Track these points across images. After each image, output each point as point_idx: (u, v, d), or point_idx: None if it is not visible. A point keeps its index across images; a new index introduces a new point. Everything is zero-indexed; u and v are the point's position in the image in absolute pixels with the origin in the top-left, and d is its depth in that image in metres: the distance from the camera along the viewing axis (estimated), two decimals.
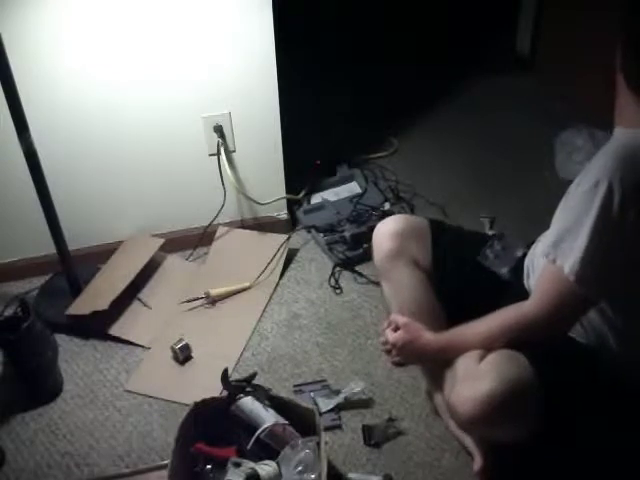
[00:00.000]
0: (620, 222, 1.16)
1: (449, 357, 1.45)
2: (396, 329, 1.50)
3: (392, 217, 1.67)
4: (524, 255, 1.53)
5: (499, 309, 1.39)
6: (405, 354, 1.51)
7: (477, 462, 1.48)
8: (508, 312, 1.36)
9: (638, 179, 1.15)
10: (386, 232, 1.60)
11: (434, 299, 1.57)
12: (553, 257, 1.25)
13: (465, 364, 1.40)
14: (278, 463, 1.41)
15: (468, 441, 1.53)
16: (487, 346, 1.37)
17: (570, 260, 1.21)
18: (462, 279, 1.58)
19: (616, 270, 1.22)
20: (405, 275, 1.57)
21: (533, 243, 1.52)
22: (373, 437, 1.63)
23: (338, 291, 2.07)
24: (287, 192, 2.25)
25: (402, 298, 1.58)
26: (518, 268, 1.52)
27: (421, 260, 1.58)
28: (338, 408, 1.70)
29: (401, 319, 1.51)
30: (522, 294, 1.43)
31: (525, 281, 1.48)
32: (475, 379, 1.32)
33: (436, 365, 1.56)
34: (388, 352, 1.71)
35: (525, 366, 1.30)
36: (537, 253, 1.43)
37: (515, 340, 1.34)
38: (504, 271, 1.54)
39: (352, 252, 2.14)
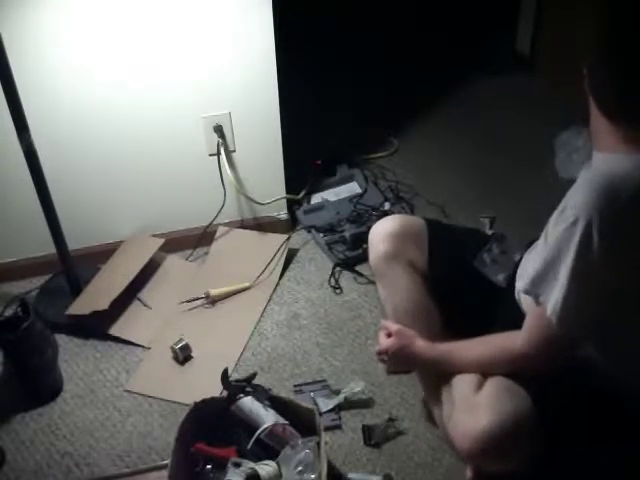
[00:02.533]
0: (600, 260, 1.12)
1: (441, 369, 1.45)
2: (389, 335, 1.50)
3: (388, 217, 1.63)
4: (520, 259, 1.51)
5: (492, 319, 1.38)
6: (396, 361, 1.51)
7: (469, 471, 1.48)
8: (500, 344, 1.34)
9: (617, 213, 1.11)
10: (382, 233, 1.57)
11: (430, 301, 1.55)
12: (535, 295, 1.23)
13: (462, 391, 1.38)
14: (278, 463, 1.42)
15: None
16: (478, 372, 1.37)
17: (551, 301, 1.19)
18: (458, 282, 1.56)
19: (599, 307, 1.19)
20: (401, 277, 1.54)
21: (531, 244, 1.52)
22: (373, 437, 1.63)
23: (338, 291, 2.07)
24: (287, 192, 2.25)
25: (397, 300, 1.56)
26: (515, 274, 1.50)
27: (417, 262, 1.56)
28: (338, 408, 1.70)
29: (394, 325, 1.50)
30: (516, 302, 1.43)
31: (516, 293, 1.45)
32: (472, 413, 1.30)
33: (430, 376, 1.55)
34: (383, 362, 1.70)
35: (522, 397, 1.29)
36: (519, 287, 1.40)
37: (507, 372, 1.33)
38: (500, 278, 1.52)
39: (352, 252, 2.14)
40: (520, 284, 1.27)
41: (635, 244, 1.15)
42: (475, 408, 1.31)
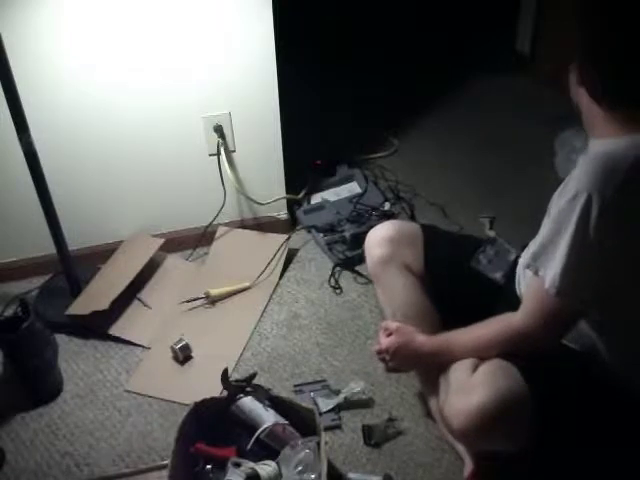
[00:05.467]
0: (599, 234, 1.15)
1: (442, 361, 1.46)
2: (389, 335, 1.51)
3: (383, 223, 1.68)
4: (517, 258, 1.53)
5: (491, 316, 1.39)
6: (399, 358, 1.50)
7: (467, 468, 1.49)
8: (498, 324, 1.35)
9: (615, 188, 1.14)
10: (377, 238, 1.62)
11: (428, 303, 1.58)
12: (535, 269, 1.24)
13: (458, 374, 1.40)
14: (278, 463, 1.42)
15: (459, 447, 1.54)
16: (478, 355, 1.37)
17: (550, 273, 1.21)
18: (455, 284, 1.58)
19: (598, 282, 1.21)
20: (397, 280, 1.58)
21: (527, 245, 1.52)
22: (373, 437, 1.63)
23: (338, 291, 2.07)
24: (287, 192, 2.25)
25: (395, 303, 1.59)
26: (512, 272, 1.52)
27: (413, 265, 1.59)
28: (338, 408, 1.70)
29: (393, 324, 1.51)
30: (515, 298, 1.43)
31: (517, 287, 1.47)
32: (467, 392, 1.31)
33: (430, 370, 1.56)
34: (383, 361, 1.71)
35: (517, 378, 1.30)
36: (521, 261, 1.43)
37: (507, 351, 1.33)
38: (498, 276, 1.54)
39: (352, 252, 2.14)
40: (522, 260, 1.29)
41: (633, 218, 1.17)
42: (469, 388, 1.32)
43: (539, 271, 1.24)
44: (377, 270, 1.61)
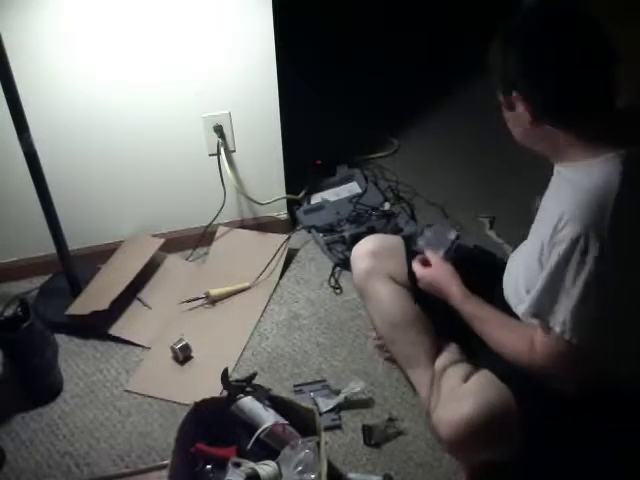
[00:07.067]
0: (601, 272, 1.13)
1: (461, 315, 1.42)
2: (425, 264, 1.49)
3: (365, 238, 1.71)
4: (457, 238, 1.55)
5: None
6: (429, 289, 1.49)
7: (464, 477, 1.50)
8: (523, 343, 1.27)
9: (610, 223, 1.12)
10: (359, 253, 1.65)
11: (417, 310, 1.59)
12: (546, 322, 1.21)
13: (450, 382, 1.42)
14: (278, 463, 1.42)
15: None
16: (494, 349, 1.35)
17: (567, 326, 1.18)
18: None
19: (611, 313, 1.19)
20: (382, 290, 1.60)
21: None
22: (373, 437, 1.63)
23: (338, 291, 2.08)
24: (287, 192, 2.25)
25: (382, 312, 1.61)
26: (454, 251, 1.53)
27: (397, 275, 1.61)
28: (338, 408, 1.70)
29: (433, 257, 1.49)
30: (504, 304, 1.43)
31: (505, 294, 1.46)
32: (456, 401, 1.32)
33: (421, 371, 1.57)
34: (380, 347, 1.71)
35: (507, 390, 1.30)
36: (510, 293, 1.41)
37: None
38: (440, 254, 1.53)
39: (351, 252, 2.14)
40: (521, 307, 1.26)
41: (632, 243, 1.16)
42: (459, 399, 1.33)
43: (552, 325, 1.20)
44: (362, 283, 1.64)
